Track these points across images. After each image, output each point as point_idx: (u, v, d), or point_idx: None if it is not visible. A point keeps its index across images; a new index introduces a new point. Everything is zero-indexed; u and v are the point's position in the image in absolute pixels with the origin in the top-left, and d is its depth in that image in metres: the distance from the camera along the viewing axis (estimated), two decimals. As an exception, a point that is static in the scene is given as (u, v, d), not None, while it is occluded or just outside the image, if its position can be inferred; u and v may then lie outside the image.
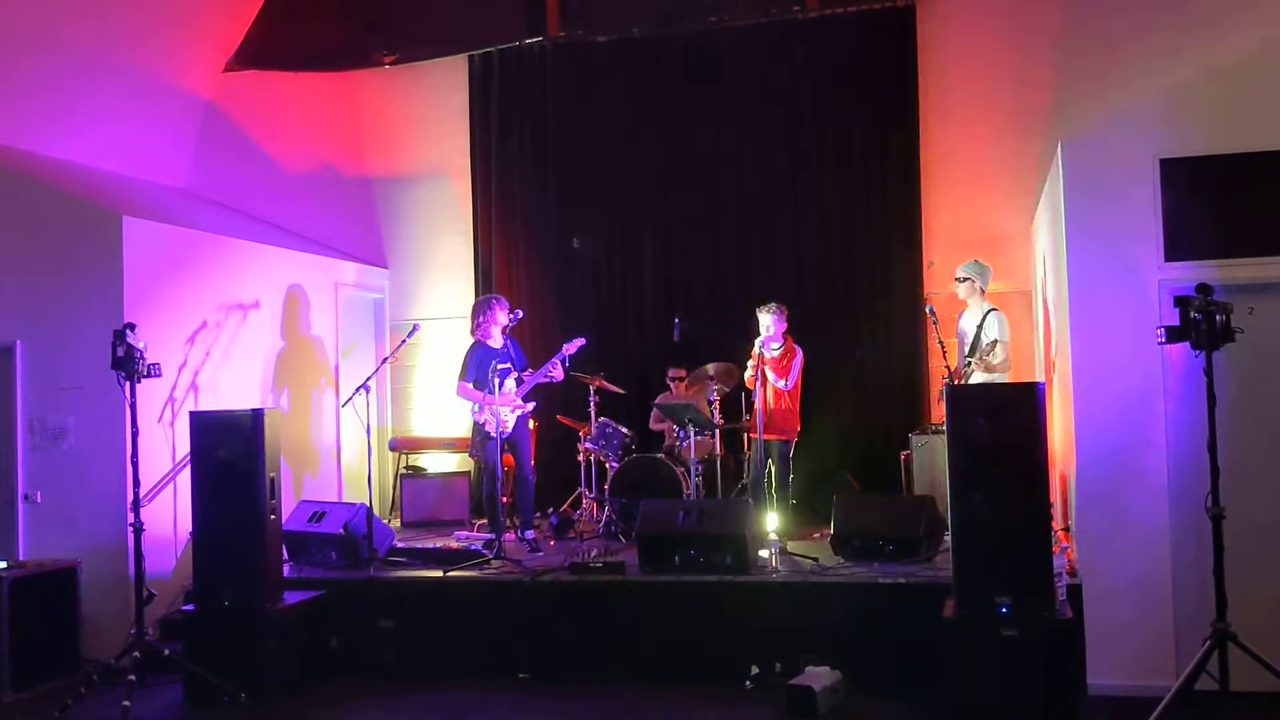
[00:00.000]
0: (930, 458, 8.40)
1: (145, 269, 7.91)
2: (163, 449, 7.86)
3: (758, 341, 8.64)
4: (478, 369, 8.47)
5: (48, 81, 9.08)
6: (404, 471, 10.45)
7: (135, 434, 6.52)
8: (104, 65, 9.53)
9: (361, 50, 10.78)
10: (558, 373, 8.64)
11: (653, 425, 9.82)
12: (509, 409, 8.42)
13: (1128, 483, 6.31)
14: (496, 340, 8.59)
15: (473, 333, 8.73)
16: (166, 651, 6.64)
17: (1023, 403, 5.91)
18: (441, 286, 10.93)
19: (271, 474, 6.87)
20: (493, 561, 7.68)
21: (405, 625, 7.25)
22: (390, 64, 10.75)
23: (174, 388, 8.00)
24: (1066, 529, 7.23)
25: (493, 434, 8.26)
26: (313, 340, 9.81)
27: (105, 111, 9.71)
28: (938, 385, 9.03)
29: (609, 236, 10.52)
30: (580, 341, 8.70)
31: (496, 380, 8.18)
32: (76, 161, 9.32)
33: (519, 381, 8.54)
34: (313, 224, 10.93)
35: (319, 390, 9.84)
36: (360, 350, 10.52)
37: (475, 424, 8.63)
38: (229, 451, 6.84)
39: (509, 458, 8.63)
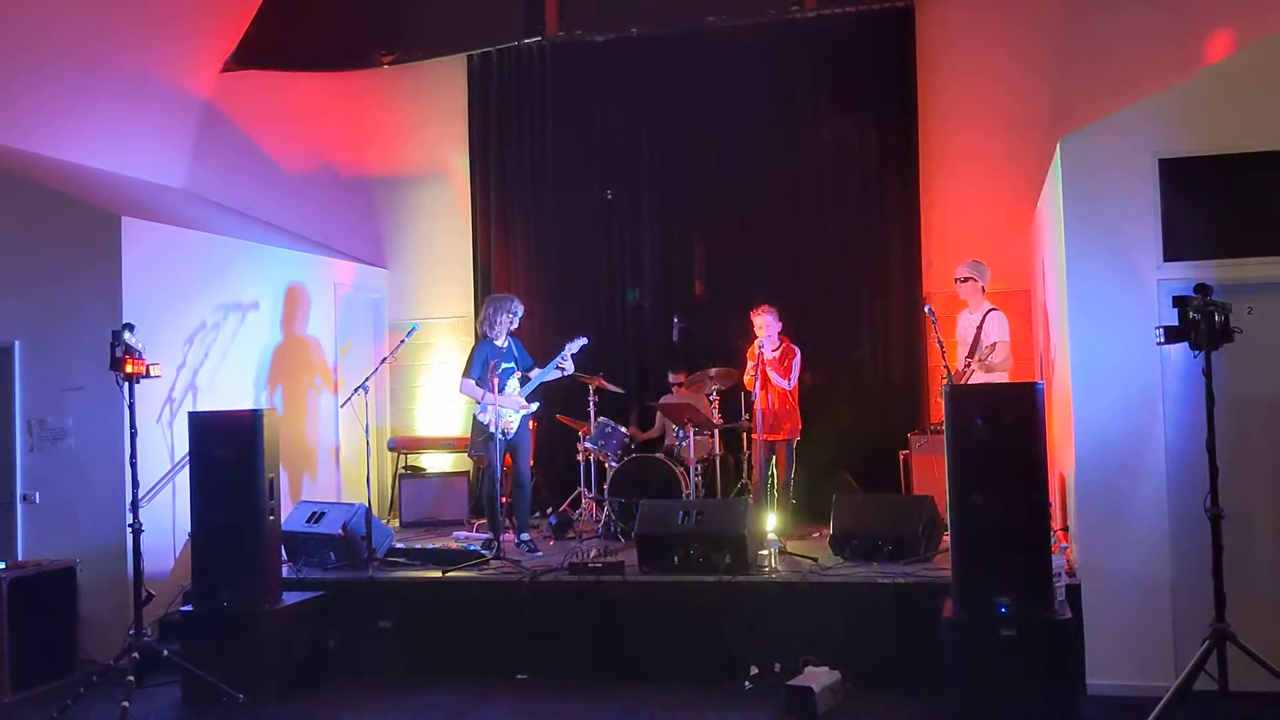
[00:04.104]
0: (929, 457, 8.39)
1: (144, 269, 7.90)
2: (162, 449, 7.86)
3: (757, 343, 8.66)
4: (482, 366, 8.40)
5: (45, 81, 9.07)
6: (403, 471, 10.45)
7: (134, 434, 6.51)
8: (102, 65, 9.52)
9: (360, 50, 10.79)
10: (568, 365, 8.60)
11: (641, 436, 9.80)
12: (514, 409, 8.39)
13: (1127, 483, 6.30)
14: (502, 340, 8.54)
15: (481, 327, 8.64)
16: (165, 652, 6.63)
17: (1022, 403, 5.91)
18: (441, 286, 10.93)
19: (270, 474, 6.86)
20: (492, 562, 7.68)
21: (404, 626, 7.25)
22: (389, 64, 10.75)
23: (173, 388, 8.00)
24: (1065, 529, 7.23)
25: (496, 433, 8.24)
26: (311, 340, 9.80)
27: (103, 111, 9.70)
28: (937, 385, 9.04)
29: (607, 236, 10.52)
30: (582, 340, 8.68)
31: (495, 380, 8.16)
32: (75, 162, 9.31)
33: (523, 381, 8.51)
34: (311, 224, 10.92)
35: (318, 390, 9.84)
36: (359, 350, 10.51)
37: (477, 423, 8.55)
38: (228, 452, 6.83)
39: (508, 459, 8.58)
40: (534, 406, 8.59)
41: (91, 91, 9.50)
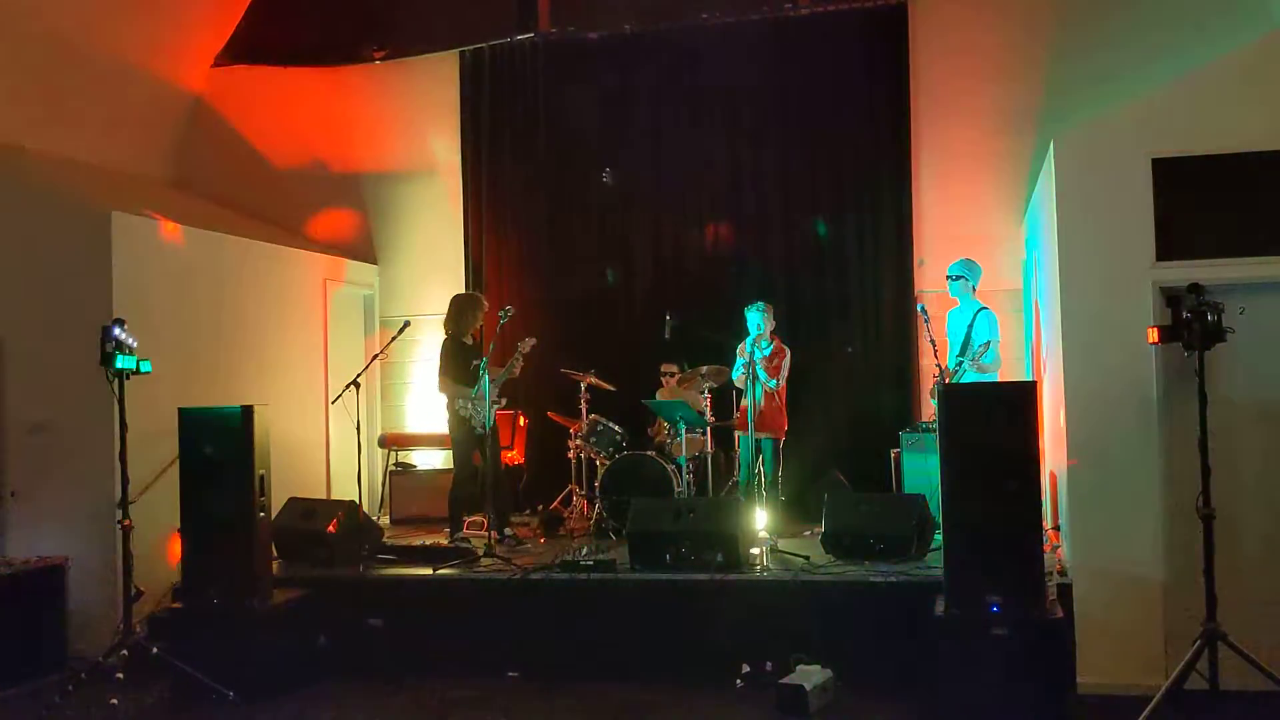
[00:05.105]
0: (921, 456, 8.39)
1: (134, 264, 7.86)
2: (152, 445, 7.81)
3: (747, 341, 8.66)
4: (461, 364, 8.47)
5: (35, 75, 9.02)
6: (393, 468, 10.42)
7: (124, 430, 6.48)
8: (92, 59, 9.48)
9: (352, 45, 10.75)
10: (518, 369, 8.69)
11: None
12: (490, 405, 8.42)
13: (1118, 482, 6.31)
14: (469, 339, 8.62)
15: (455, 328, 8.68)
16: (155, 649, 6.60)
17: (1015, 401, 5.91)
18: (432, 282, 10.88)
19: (261, 471, 6.84)
20: (482, 560, 7.66)
21: (394, 623, 7.22)
22: (381, 59, 10.72)
23: (162, 384, 7.94)
24: (1056, 528, 7.24)
25: (479, 429, 8.30)
26: (302, 336, 9.76)
27: (94, 106, 9.66)
28: (928, 383, 9.04)
29: (599, 233, 10.50)
30: (531, 340, 8.76)
31: (485, 376, 8.18)
32: (64, 155, 9.26)
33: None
34: (302, 219, 10.88)
35: (308, 387, 9.80)
36: (350, 346, 10.48)
37: (459, 419, 8.57)
38: (218, 448, 6.81)
39: (477, 456, 8.60)
40: (504, 401, 8.69)
41: (81, 85, 9.46)
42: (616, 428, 9.22)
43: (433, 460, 10.59)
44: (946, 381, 7.91)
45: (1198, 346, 5.36)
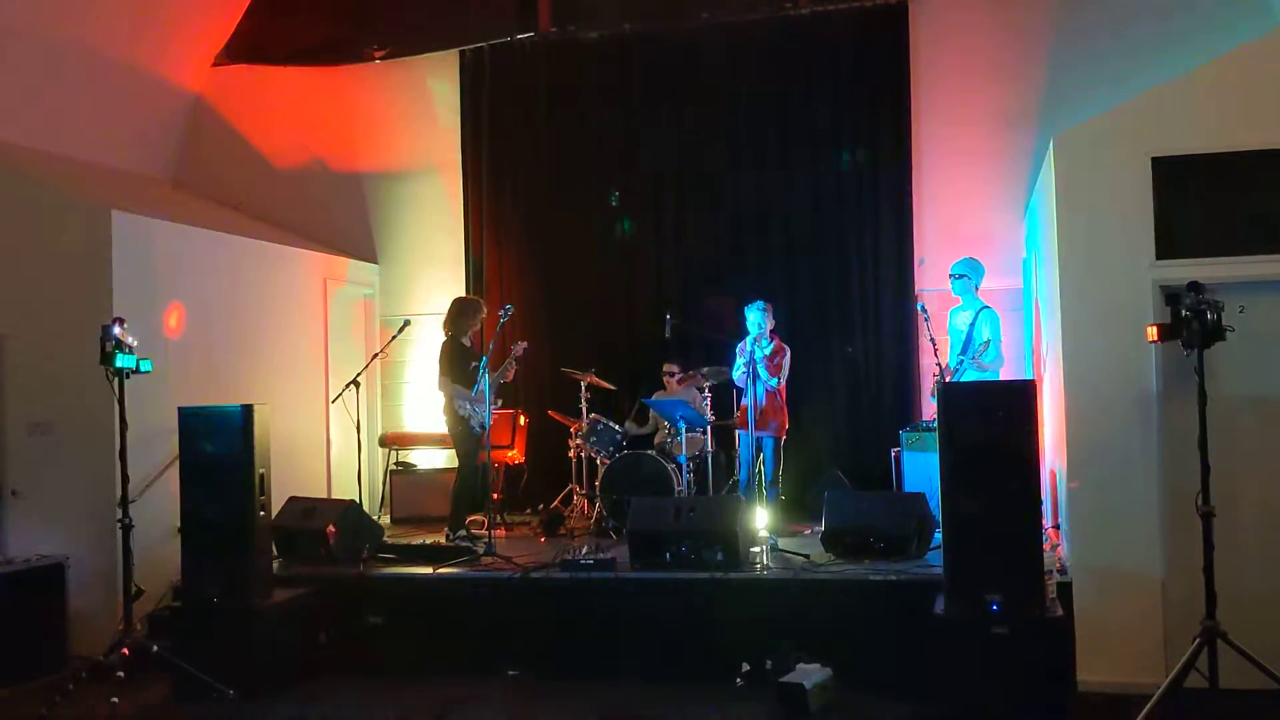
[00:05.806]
0: (921, 454, 8.39)
1: (134, 263, 7.87)
2: (152, 444, 7.81)
3: (747, 340, 8.66)
4: (460, 365, 8.52)
5: (36, 74, 9.03)
6: (394, 468, 10.43)
7: (124, 429, 6.48)
8: (93, 58, 9.49)
9: (352, 45, 10.75)
10: (510, 374, 8.76)
11: (635, 431, 9.83)
12: (489, 406, 8.46)
13: (1118, 480, 6.31)
14: (467, 340, 8.71)
15: (454, 329, 8.72)
16: (155, 648, 6.60)
17: (1015, 400, 5.90)
18: (432, 282, 10.89)
19: (261, 469, 6.84)
20: (482, 558, 7.67)
21: (395, 622, 7.23)
22: (381, 58, 10.71)
23: (163, 383, 7.95)
24: (1057, 526, 7.24)
25: (477, 429, 8.36)
26: (302, 335, 9.77)
27: (94, 105, 9.67)
28: (929, 382, 9.05)
29: (599, 232, 10.50)
30: (523, 344, 8.88)
31: (481, 379, 8.22)
32: (65, 155, 9.27)
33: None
34: (303, 219, 10.89)
35: (309, 386, 9.80)
36: (350, 345, 10.48)
37: (458, 419, 8.60)
38: (218, 447, 6.80)
39: (482, 455, 8.64)
40: (499, 402, 8.75)
41: (82, 85, 9.47)
42: (617, 427, 9.23)
43: (433, 460, 10.59)
44: (947, 380, 7.92)
45: (1197, 345, 5.35)
